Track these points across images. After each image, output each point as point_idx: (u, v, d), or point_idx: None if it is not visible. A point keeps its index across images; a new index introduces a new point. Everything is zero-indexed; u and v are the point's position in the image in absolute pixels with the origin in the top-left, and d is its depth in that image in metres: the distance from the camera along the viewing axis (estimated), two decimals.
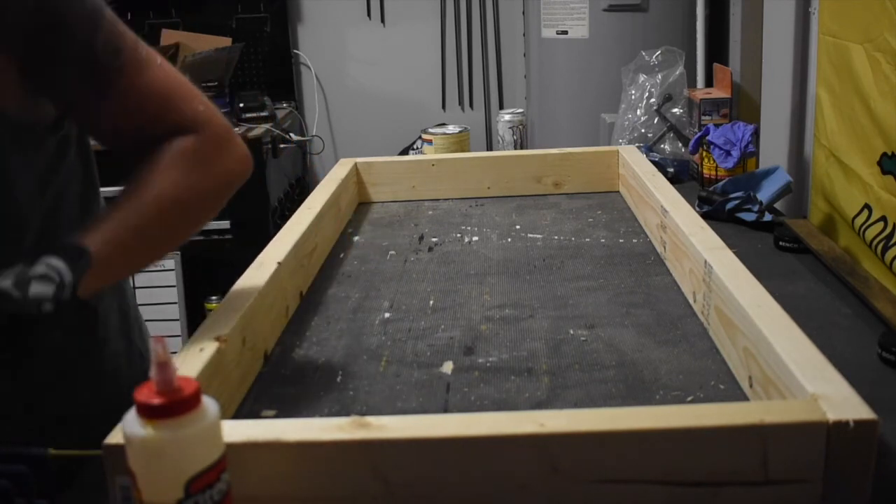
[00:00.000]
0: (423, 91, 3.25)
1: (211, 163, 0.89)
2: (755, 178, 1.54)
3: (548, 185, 1.61)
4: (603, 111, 2.20)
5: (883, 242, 1.16)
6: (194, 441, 0.55)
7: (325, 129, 3.29)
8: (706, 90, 2.02)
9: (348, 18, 3.21)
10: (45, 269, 0.74)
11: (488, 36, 3.20)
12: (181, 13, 3.11)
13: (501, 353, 0.96)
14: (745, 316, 0.84)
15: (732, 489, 0.64)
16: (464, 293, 1.15)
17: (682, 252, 1.11)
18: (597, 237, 1.35)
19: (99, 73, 0.83)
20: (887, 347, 0.95)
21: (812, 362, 0.73)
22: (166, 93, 0.88)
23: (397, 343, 1.01)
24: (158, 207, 0.84)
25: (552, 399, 0.85)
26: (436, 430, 0.65)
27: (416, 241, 1.38)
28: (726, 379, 0.88)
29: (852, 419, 0.62)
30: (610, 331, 1.00)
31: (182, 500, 0.55)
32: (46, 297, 0.73)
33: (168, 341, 0.55)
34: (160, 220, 0.85)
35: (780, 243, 1.34)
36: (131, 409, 0.55)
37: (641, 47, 2.03)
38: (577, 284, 1.16)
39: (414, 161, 1.67)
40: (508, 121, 2.03)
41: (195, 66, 2.60)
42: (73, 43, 0.81)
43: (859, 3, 1.24)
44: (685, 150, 1.85)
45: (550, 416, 0.66)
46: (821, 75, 1.40)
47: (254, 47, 3.12)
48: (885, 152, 1.17)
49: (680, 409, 0.67)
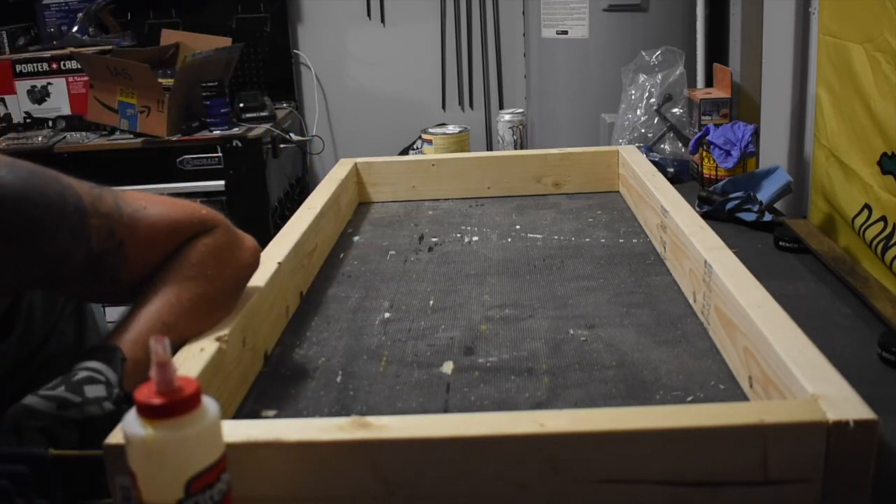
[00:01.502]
0: (423, 91, 3.25)
1: (228, 258, 0.89)
2: (755, 178, 1.54)
3: (548, 185, 1.61)
4: (603, 111, 2.20)
5: (883, 242, 1.16)
6: (194, 441, 0.55)
7: (325, 129, 3.29)
8: (706, 90, 2.02)
9: (348, 18, 3.21)
10: (86, 372, 0.73)
11: (488, 36, 3.19)
12: (181, 13, 3.11)
13: (501, 353, 0.96)
14: (745, 316, 0.84)
15: (732, 489, 0.64)
16: (464, 293, 1.15)
17: (682, 252, 1.11)
18: (597, 237, 1.35)
19: (103, 265, 0.81)
20: (887, 347, 0.95)
21: (812, 362, 0.73)
22: (167, 222, 0.86)
23: (397, 343, 1.01)
24: (180, 305, 0.84)
25: (552, 399, 0.85)
26: (436, 430, 0.65)
27: (416, 241, 1.38)
28: (726, 379, 0.88)
29: (852, 419, 0.62)
30: (610, 331, 1.00)
31: (182, 500, 0.55)
32: (102, 397, 0.71)
33: (168, 341, 0.55)
34: (185, 317, 0.84)
35: (780, 243, 1.34)
36: (131, 409, 0.55)
37: (641, 47, 2.03)
38: (577, 284, 1.16)
39: (414, 161, 1.67)
40: (508, 121, 2.03)
41: (195, 66, 2.60)
42: (73, 260, 0.79)
43: (859, 3, 1.23)
44: (685, 150, 1.85)
45: (551, 416, 0.66)
46: (821, 75, 1.40)
47: (254, 47, 3.12)
48: (885, 152, 1.17)
49: (680, 409, 0.67)
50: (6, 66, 2.75)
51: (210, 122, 2.62)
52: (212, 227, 0.89)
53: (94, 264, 0.80)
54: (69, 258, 0.78)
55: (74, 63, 2.71)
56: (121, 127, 2.62)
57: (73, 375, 0.72)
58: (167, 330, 0.81)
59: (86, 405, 0.70)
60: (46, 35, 3.01)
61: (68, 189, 0.79)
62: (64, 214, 0.77)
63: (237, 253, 0.91)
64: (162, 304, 0.83)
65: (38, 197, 0.76)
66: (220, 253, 0.88)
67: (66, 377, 0.72)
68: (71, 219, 0.78)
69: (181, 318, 0.83)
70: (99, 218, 0.80)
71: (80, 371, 0.73)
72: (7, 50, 2.86)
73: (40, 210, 0.76)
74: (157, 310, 0.83)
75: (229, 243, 0.90)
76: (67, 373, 0.73)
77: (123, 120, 2.61)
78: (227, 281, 0.90)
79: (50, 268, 0.78)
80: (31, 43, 3.00)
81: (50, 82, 2.76)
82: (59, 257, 0.77)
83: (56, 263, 0.78)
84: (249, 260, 0.93)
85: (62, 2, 3.01)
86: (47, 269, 0.78)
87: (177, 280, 0.85)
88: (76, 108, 2.75)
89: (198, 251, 0.87)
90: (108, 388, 0.72)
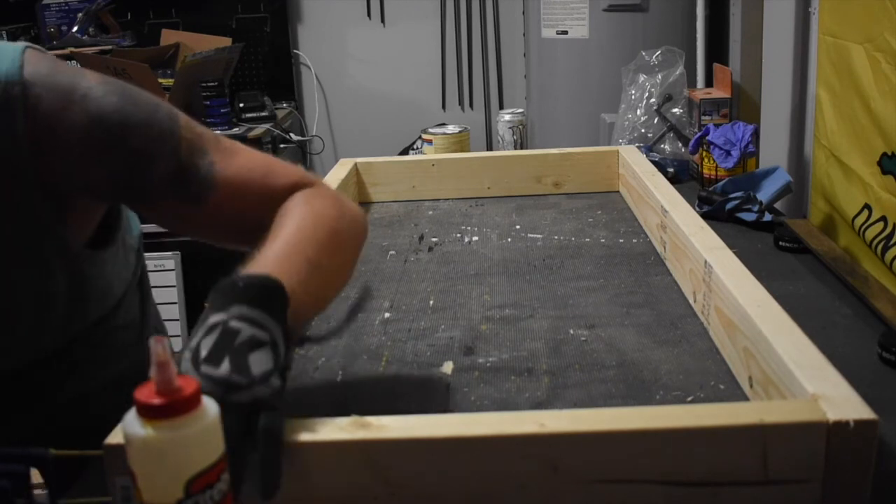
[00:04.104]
0: (423, 91, 3.25)
1: (339, 200, 0.85)
2: (755, 178, 1.54)
3: (548, 185, 1.61)
4: (603, 111, 2.20)
5: (883, 242, 1.16)
6: (194, 441, 0.55)
7: (325, 129, 3.29)
8: (706, 90, 2.02)
9: (348, 18, 3.21)
10: (248, 328, 0.63)
11: (488, 36, 3.20)
12: (181, 13, 3.11)
13: (501, 353, 0.96)
14: (745, 316, 0.84)
15: (732, 489, 0.64)
16: (464, 293, 1.15)
17: (682, 252, 1.11)
18: (597, 237, 1.35)
19: (191, 178, 0.80)
20: (887, 347, 0.95)
21: (812, 362, 0.73)
22: (265, 165, 0.84)
23: (397, 343, 1.01)
24: (316, 232, 0.77)
25: (552, 399, 0.85)
26: (436, 430, 0.65)
27: (416, 241, 1.38)
28: (726, 379, 0.88)
29: (852, 419, 0.62)
30: (610, 331, 1.00)
31: (182, 500, 0.55)
32: (269, 371, 0.62)
33: (168, 341, 0.55)
34: (324, 245, 0.77)
35: (780, 243, 1.34)
36: (131, 409, 0.55)
37: (641, 47, 2.03)
38: (577, 284, 1.16)
39: (414, 161, 1.67)
40: (508, 121, 2.03)
41: (195, 66, 2.60)
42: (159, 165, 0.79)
43: (859, 3, 1.23)
44: (685, 150, 1.85)
45: (551, 416, 0.66)
46: (821, 75, 1.40)
47: (254, 47, 3.12)
48: (885, 152, 1.17)
49: (680, 409, 0.67)
50: None
51: (210, 122, 2.62)
52: (311, 183, 0.85)
53: (180, 178, 0.79)
54: (153, 161, 0.78)
55: (74, 63, 2.71)
56: None
57: (235, 335, 0.63)
58: (312, 267, 0.73)
59: (254, 385, 0.61)
60: (46, 35, 3.01)
61: (164, 104, 0.82)
62: (154, 117, 0.79)
63: (346, 202, 0.86)
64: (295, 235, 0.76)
65: (132, 99, 0.79)
66: (331, 195, 0.84)
67: (225, 336, 0.63)
68: (161, 123, 0.79)
69: (323, 255, 0.76)
70: (192, 133, 0.81)
71: (242, 325, 0.63)
72: None
73: (130, 106, 0.78)
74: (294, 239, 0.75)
75: (335, 194, 0.86)
76: (225, 319, 0.64)
77: None
78: (349, 214, 0.84)
79: (133, 167, 0.78)
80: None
81: None
82: (143, 157, 0.78)
83: (140, 164, 0.78)
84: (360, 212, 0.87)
85: (62, 2, 3.01)
86: (131, 167, 0.78)
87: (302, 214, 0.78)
88: None
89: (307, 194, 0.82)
90: (274, 354, 0.63)
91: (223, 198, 0.81)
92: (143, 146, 0.78)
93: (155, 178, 0.79)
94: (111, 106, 0.77)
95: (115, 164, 0.78)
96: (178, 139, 0.80)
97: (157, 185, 0.79)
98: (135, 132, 0.78)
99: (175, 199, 0.80)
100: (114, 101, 0.78)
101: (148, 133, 0.78)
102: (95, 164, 0.78)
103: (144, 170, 0.78)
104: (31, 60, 0.78)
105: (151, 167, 0.78)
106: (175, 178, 0.79)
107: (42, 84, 0.76)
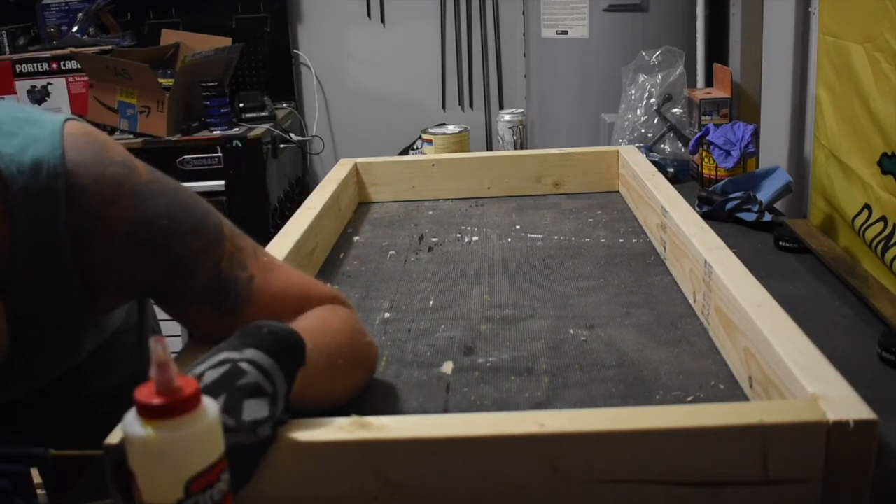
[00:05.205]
0: (423, 91, 3.25)
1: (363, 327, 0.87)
2: (755, 178, 1.54)
3: (548, 185, 1.61)
4: (603, 111, 2.20)
5: (883, 242, 1.16)
6: (194, 441, 0.55)
7: (325, 129, 3.29)
8: (706, 90, 2.02)
9: (348, 18, 3.21)
10: (254, 373, 0.64)
11: (488, 36, 3.19)
12: (181, 13, 3.11)
13: (501, 353, 0.96)
14: (745, 316, 0.84)
15: (732, 489, 0.64)
16: (464, 293, 1.15)
17: (682, 252, 1.11)
18: (597, 237, 1.35)
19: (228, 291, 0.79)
20: (887, 347, 0.95)
21: (812, 362, 0.73)
22: (302, 282, 0.85)
23: (397, 343, 1.01)
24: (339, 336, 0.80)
25: (552, 399, 0.85)
26: (436, 430, 0.65)
27: (416, 241, 1.38)
28: (726, 379, 0.88)
29: (852, 419, 0.62)
30: (610, 331, 1.00)
31: (182, 500, 0.55)
32: (262, 419, 0.62)
33: (168, 341, 0.55)
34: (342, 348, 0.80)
35: (780, 243, 1.34)
36: (131, 409, 0.55)
37: (641, 47, 2.03)
38: (577, 284, 1.16)
39: (414, 161, 1.67)
40: (508, 121, 2.03)
41: (195, 66, 2.60)
42: (200, 276, 0.77)
43: (859, 3, 1.23)
44: (685, 150, 1.85)
45: (550, 416, 0.66)
46: (821, 75, 1.40)
47: (254, 47, 3.12)
48: (885, 152, 1.17)
49: (680, 409, 0.67)
50: (6, 66, 2.75)
51: (210, 122, 2.62)
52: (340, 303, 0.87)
53: (218, 289, 0.78)
54: (195, 272, 0.76)
55: (74, 63, 2.71)
56: (121, 127, 2.62)
57: (240, 376, 0.64)
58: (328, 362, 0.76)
59: (239, 431, 0.61)
60: (46, 35, 3.00)
61: (213, 212, 0.80)
62: (202, 227, 0.77)
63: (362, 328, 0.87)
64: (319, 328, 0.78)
65: (182, 203, 0.77)
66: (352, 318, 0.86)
67: (230, 375, 0.63)
68: (208, 234, 0.77)
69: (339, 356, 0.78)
70: (235, 247, 0.79)
71: (251, 370, 0.64)
72: (7, 50, 2.86)
73: (180, 213, 0.76)
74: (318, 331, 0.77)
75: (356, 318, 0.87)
76: (236, 359, 0.64)
77: (123, 120, 2.61)
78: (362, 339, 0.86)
79: (174, 273, 0.76)
80: (31, 43, 3.00)
81: (50, 82, 2.76)
82: (186, 266, 0.76)
83: (181, 271, 0.76)
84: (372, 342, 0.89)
85: (62, 2, 3.01)
86: (171, 273, 0.76)
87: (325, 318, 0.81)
88: (76, 108, 2.74)
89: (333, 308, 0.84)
90: (272, 404, 0.64)
91: (257, 312, 0.79)
92: (188, 255, 0.76)
93: (194, 287, 0.77)
94: (159, 208, 0.75)
95: (155, 269, 0.76)
96: (222, 251, 0.78)
97: (194, 293, 0.78)
98: (181, 240, 0.75)
99: (209, 308, 0.79)
100: (163, 203, 0.75)
101: (194, 243, 0.76)
102: (135, 265, 0.75)
103: (185, 278, 0.76)
104: (73, 145, 0.74)
105: (192, 276, 0.76)
106: (213, 290, 0.78)
107: (87, 175, 0.73)
